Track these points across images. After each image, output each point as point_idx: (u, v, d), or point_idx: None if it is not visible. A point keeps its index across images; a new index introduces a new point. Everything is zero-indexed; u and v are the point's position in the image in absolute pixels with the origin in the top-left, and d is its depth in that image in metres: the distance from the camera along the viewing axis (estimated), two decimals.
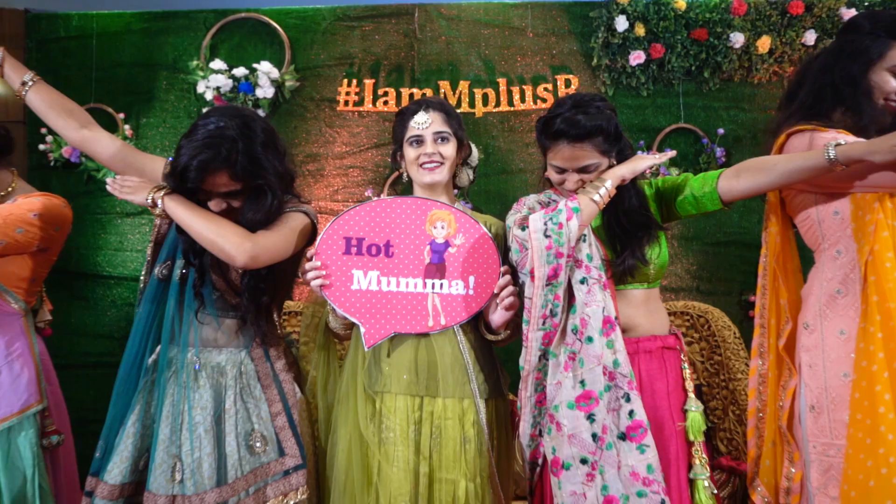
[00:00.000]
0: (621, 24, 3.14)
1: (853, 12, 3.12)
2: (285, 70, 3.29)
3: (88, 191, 3.39)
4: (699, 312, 2.45)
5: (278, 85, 3.27)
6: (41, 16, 3.41)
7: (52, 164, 3.28)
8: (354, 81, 3.31)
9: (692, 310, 2.47)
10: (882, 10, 2.43)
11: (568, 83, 3.26)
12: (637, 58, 3.16)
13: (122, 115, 3.29)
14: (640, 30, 3.15)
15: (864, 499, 1.32)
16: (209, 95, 3.25)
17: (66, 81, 3.38)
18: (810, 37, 3.14)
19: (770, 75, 3.21)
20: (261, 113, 3.27)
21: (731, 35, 3.15)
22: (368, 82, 3.30)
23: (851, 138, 1.36)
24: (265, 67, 3.23)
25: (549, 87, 3.27)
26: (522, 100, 3.26)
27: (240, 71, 3.24)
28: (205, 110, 3.20)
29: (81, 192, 3.36)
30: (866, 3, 3.15)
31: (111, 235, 3.36)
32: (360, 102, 3.30)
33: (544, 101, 3.24)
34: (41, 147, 3.30)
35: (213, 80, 3.23)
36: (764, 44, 3.13)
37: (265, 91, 3.23)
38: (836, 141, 1.28)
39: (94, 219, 3.35)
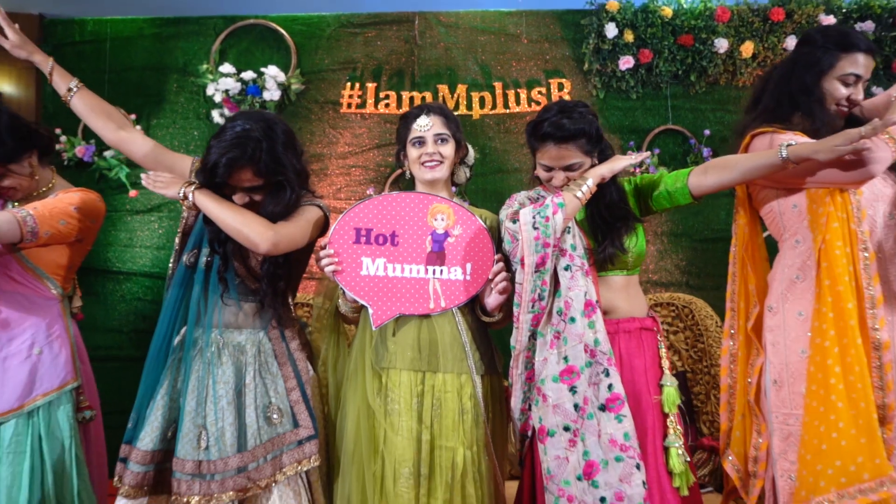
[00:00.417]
0: (611, 30, 3.31)
1: (832, 19, 3.29)
2: (291, 74, 3.44)
3: (99, 189, 3.52)
4: (684, 303, 2.61)
5: (284, 88, 3.43)
6: (57, 21, 3.56)
7: (65, 163, 3.42)
8: (357, 85, 3.47)
9: (677, 301, 2.64)
10: (833, 25, 2.60)
11: (561, 87, 3.42)
12: (626, 62, 3.33)
13: (133, 117, 3.43)
14: (629, 36, 3.32)
15: (818, 460, 1.49)
16: (218, 98, 3.41)
17: (84, 85, 3.57)
18: (791, 42, 3.31)
19: (754, 78, 3.37)
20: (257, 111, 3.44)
21: (716, 41, 3.32)
22: (370, 86, 3.46)
23: (806, 139, 1.53)
24: (272, 71, 3.39)
25: (543, 90, 3.43)
26: (517, 102, 3.43)
27: (248, 74, 3.39)
28: (222, 113, 3.39)
29: (93, 190, 3.54)
30: (844, 10, 3.32)
31: (121, 232, 3.51)
32: (363, 105, 3.46)
33: (538, 103, 3.40)
34: (55, 147, 3.47)
35: (222, 84, 3.37)
36: (747, 49, 3.31)
37: (272, 94, 3.39)
38: (788, 142, 1.45)
39: (105, 216, 3.51)
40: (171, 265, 1.73)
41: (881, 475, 1.41)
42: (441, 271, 1.65)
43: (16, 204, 1.76)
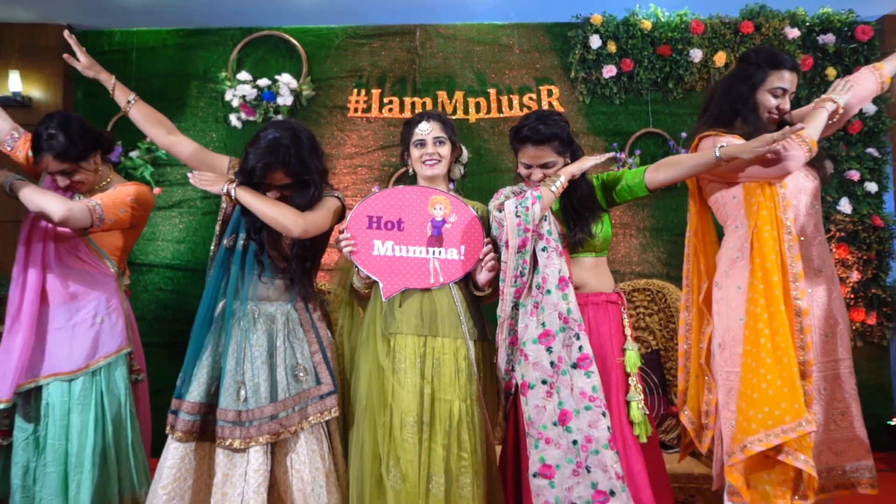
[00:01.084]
0: (595, 42, 3.65)
1: (796, 32, 3.63)
2: (303, 81, 3.78)
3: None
4: (658, 288, 2.94)
5: (296, 94, 3.76)
6: (88, 32, 3.89)
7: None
8: (363, 91, 3.80)
9: (652, 286, 2.97)
10: (765, 47, 2.92)
11: (550, 93, 3.76)
12: (609, 71, 3.67)
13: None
14: (612, 47, 3.66)
15: (750, 407, 1.80)
16: (236, 103, 3.74)
17: (108, 90, 3.88)
18: None
19: None
20: (280, 118, 3.77)
21: (691, 51, 3.65)
22: (375, 92, 3.79)
23: (741, 141, 1.86)
24: (285, 79, 3.72)
25: (534, 96, 3.77)
26: (510, 108, 3.76)
27: (263, 81, 3.73)
28: (239, 117, 3.70)
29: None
30: (807, 24, 3.66)
31: (145, 227, 3.82)
32: (368, 109, 3.80)
33: (529, 108, 3.73)
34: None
35: (240, 90, 3.71)
36: (720, 58, 3.64)
37: (285, 99, 3.73)
38: (721, 143, 1.78)
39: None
40: (212, 248, 2.06)
41: (799, 417, 1.74)
42: (439, 252, 1.99)
43: (81, 196, 2.09)
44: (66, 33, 2.17)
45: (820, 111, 1.89)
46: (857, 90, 2.00)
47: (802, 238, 1.91)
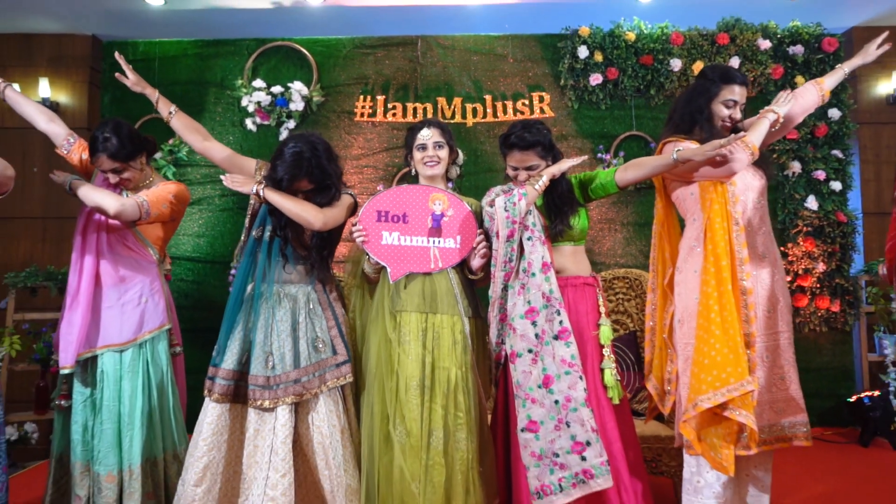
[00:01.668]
0: (583, 52, 3.98)
1: (768, 43, 3.96)
2: (313, 88, 4.11)
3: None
4: (635, 276, 3.28)
5: (307, 100, 4.10)
6: (114, 43, 4.23)
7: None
8: (368, 97, 4.13)
9: (630, 274, 3.30)
10: (719, 64, 3.24)
11: (541, 99, 4.09)
12: (596, 79, 4.00)
13: None
14: (599, 56, 3.99)
15: (701, 372, 2.11)
16: (251, 108, 4.07)
17: (133, 97, 4.12)
18: (734, 62, 3.98)
19: None
20: (292, 123, 4.10)
21: (672, 61, 3.99)
22: (380, 98, 4.13)
23: (697, 146, 2.19)
24: (297, 86, 4.06)
25: (526, 102, 4.10)
26: (505, 112, 4.09)
27: (276, 88, 4.06)
28: (254, 121, 4.03)
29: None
30: (778, 36, 4.00)
31: None
32: (373, 114, 4.13)
33: (522, 113, 4.07)
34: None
35: (255, 96, 4.05)
36: (698, 67, 3.98)
37: (297, 105, 4.06)
38: (678, 147, 2.12)
39: None
40: (242, 239, 2.40)
41: (741, 379, 2.06)
42: (439, 241, 2.32)
43: (129, 193, 2.42)
44: (116, 54, 2.52)
45: (763, 120, 2.22)
46: (800, 101, 2.34)
47: (749, 228, 2.24)
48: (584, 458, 2.12)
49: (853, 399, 3.63)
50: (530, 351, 2.21)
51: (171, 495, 2.30)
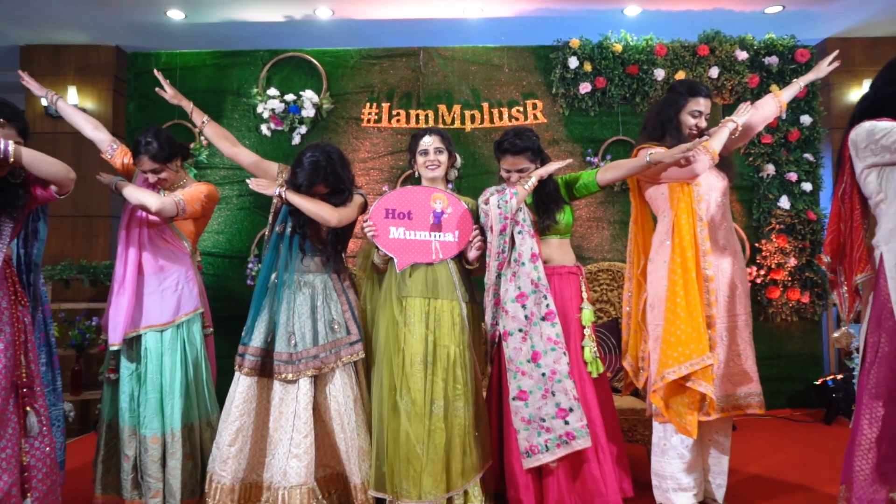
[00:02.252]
0: (573, 62, 4.31)
1: (745, 54, 4.29)
2: (323, 96, 4.44)
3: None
4: (617, 269, 3.61)
5: (318, 107, 4.43)
6: (138, 54, 4.56)
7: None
8: (374, 104, 4.46)
9: (613, 267, 3.64)
10: (686, 79, 3.57)
11: (535, 106, 4.42)
12: (585, 87, 4.33)
13: (198, 130, 4.38)
14: (588, 67, 4.32)
15: (668, 348, 2.45)
16: (266, 115, 4.40)
17: (156, 104, 4.46)
18: (714, 72, 4.31)
19: None
20: (304, 129, 4.42)
21: (656, 71, 4.31)
22: (385, 105, 4.45)
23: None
24: (308, 94, 4.39)
25: (521, 109, 4.43)
26: (501, 119, 4.42)
27: (289, 96, 4.39)
28: (269, 127, 4.39)
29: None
30: (754, 47, 4.33)
31: None
32: (379, 120, 4.46)
33: (517, 119, 4.40)
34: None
35: (269, 104, 4.38)
36: (680, 76, 4.30)
37: (308, 112, 4.39)
38: (651, 151, 2.44)
39: None
40: (266, 234, 2.73)
41: (702, 355, 2.39)
42: (439, 236, 2.66)
43: (166, 192, 2.76)
44: (154, 71, 2.87)
45: (723, 129, 2.56)
46: (759, 112, 2.67)
47: (712, 224, 2.57)
48: (566, 423, 2.46)
49: (819, 382, 3.96)
50: (520, 330, 2.55)
51: (205, 456, 2.63)
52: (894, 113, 2.05)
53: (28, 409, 2.18)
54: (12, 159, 2.08)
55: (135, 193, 2.61)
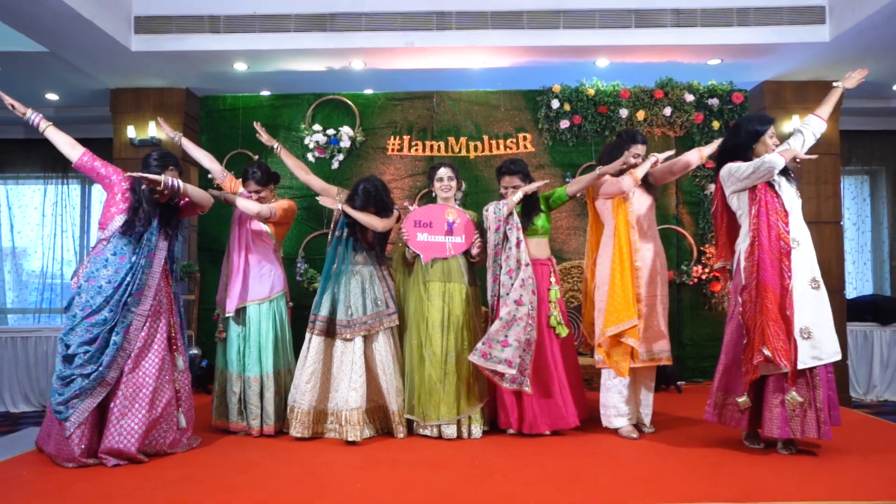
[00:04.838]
0: (555, 104, 5.51)
1: (692, 97, 5.49)
2: (357, 130, 5.64)
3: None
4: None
5: (353, 139, 5.63)
6: (209, 97, 5.78)
7: (214, 186, 5.58)
8: (397, 137, 5.66)
9: (584, 264, 4.83)
10: (630, 129, 4.68)
11: (525, 138, 5.62)
12: (564, 124, 5.53)
13: (256, 157, 5.58)
14: (567, 107, 5.52)
15: (608, 314, 3.62)
16: (311, 146, 5.61)
17: (223, 136, 5.72)
18: (667, 111, 5.50)
19: (645, 133, 5.53)
20: (342, 157, 5.64)
21: (621, 110, 5.51)
22: (406, 137, 5.65)
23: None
24: (345, 129, 5.59)
25: (514, 140, 5.63)
26: (498, 148, 5.61)
27: (330, 131, 5.60)
28: (314, 156, 5.57)
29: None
30: (699, 91, 5.53)
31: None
32: (401, 150, 5.65)
33: (511, 149, 5.59)
34: (209, 176, 5.55)
35: (314, 137, 5.59)
36: (640, 115, 5.50)
37: (345, 143, 5.60)
38: (598, 170, 3.66)
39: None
40: (329, 237, 3.96)
41: (631, 318, 3.57)
42: (451, 239, 3.87)
43: None
44: (255, 124, 4.11)
45: (646, 162, 3.75)
46: (682, 158, 3.85)
47: (641, 229, 3.76)
48: (503, 350, 3.58)
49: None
50: (507, 294, 3.75)
51: (286, 393, 3.84)
52: (740, 156, 3.28)
53: (176, 353, 3.41)
54: (181, 192, 3.31)
55: (244, 203, 3.83)
